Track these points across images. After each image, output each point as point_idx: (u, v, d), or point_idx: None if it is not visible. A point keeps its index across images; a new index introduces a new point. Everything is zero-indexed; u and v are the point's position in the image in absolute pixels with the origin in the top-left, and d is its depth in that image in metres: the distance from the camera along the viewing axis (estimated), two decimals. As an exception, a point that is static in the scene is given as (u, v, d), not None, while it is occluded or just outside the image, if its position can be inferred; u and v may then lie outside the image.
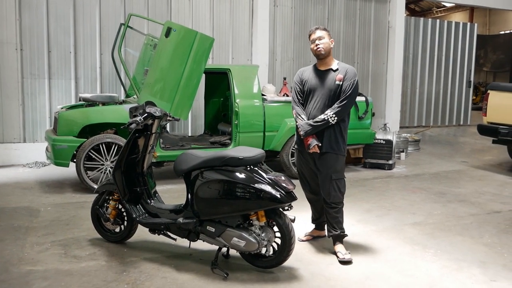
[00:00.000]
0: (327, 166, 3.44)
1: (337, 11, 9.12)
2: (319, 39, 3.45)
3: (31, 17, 6.79)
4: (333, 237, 3.56)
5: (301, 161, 3.65)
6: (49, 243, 3.69)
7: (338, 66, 3.49)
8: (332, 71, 3.47)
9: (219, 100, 7.14)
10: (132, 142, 3.44)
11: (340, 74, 3.43)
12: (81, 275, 3.11)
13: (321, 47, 3.44)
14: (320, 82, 3.47)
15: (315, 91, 3.48)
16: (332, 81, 3.43)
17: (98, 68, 7.21)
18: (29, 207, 4.68)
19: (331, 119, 3.36)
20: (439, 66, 11.20)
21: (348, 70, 3.46)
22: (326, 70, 3.49)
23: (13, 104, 6.76)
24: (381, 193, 5.53)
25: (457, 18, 20.22)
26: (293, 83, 3.66)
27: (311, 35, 3.51)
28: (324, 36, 3.46)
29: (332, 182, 3.44)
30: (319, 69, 3.52)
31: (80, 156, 5.10)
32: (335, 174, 3.45)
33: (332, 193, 3.45)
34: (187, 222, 3.20)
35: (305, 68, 3.66)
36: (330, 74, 3.46)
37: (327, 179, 3.45)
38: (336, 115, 3.36)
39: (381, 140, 6.85)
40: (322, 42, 3.44)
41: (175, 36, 5.17)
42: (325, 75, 3.47)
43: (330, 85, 3.43)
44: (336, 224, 3.52)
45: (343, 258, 3.39)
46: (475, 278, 3.18)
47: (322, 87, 3.45)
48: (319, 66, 3.54)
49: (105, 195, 3.66)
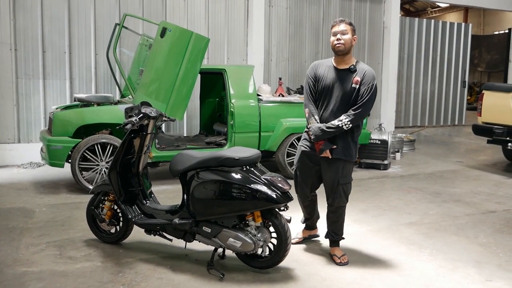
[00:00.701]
0: (336, 172, 3.29)
1: (332, 11, 9.14)
2: (342, 33, 3.18)
3: (25, 17, 6.75)
4: (330, 241, 3.53)
5: (304, 163, 3.46)
6: (44, 244, 3.67)
7: (357, 67, 3.23)
8: (350, 72, 3.21)
9: (214, 100, 7.13)
10: (127, 143, 3.43)
11: (357, 77, 3.18)
12: (76, 276, 3.10)
13: (341, 43, 3.17)
14: (335, 83, 3.22)
15: (329, 91, 3.24)
16: (348, 83, 3.19)
17: (93, 69, 7.18)
18: (24, 208, 4.65)
19: (345, 126, 3.15)
20: (434, 66, 11.25)
21: (367, 72, 3.20)
22: (343, 69, 3.24)
23: (7, 105, 6.72)
24: (376, 193, 5.54)
25: (452, 19, 20.32)
26: (306, 77, 3.39)
27: (334, 27, 3.23)
28: (348, 31, 3.19)
29: (339, 186, 3.31)
30: (336, 67, 3.26)
31: (75, 157, 5.08)
32: (343, 178, 3.31)
33: (337, 198, 3.34)
34: (183, 222, 3.19)
35: (320, 62, 3.39)
36: (347, 75, 3.21)
37: (334, 184, 3.31)
38: (351, 122, 3.16)
39: (376, 140, 6.87)
40: (344, 37, 3.17)
41: (170, 36, 5.16)
42: (342, 75, 3.22)
43: (345, 88, 3.19)
44: (337, 229, 3.47)
45: (340, 262, 3.38)
46: (471, 278, 3.20)
47: (337, 89, 3.22)
48: (337, 64, 3.28)
49: (101, 196, 3.64)
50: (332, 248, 3.51)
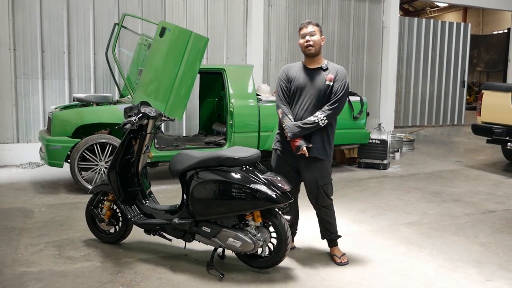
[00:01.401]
0: (314, 172, 3.29)
1: (331, 11, 9.14)
2: (311, 35, 3.25)
3: (24, 17, 6.73)
4: (328, 240, 3.52)
5: (280, 163, 3.41)
6: (43, 244, 3.66)
7: (328, 66, 3.31)
8: (322, 70, 3.28)
9: (213, 100, 7.12)
10: (127, 143, 3.43)
11: (330, 74, 3.25)
12: (75, 276, 3.09)
13: (311, 44, 3.25)
14: (309, 82, 3.27)
15: (303, 90, 3.29)
16: (322, 81, 3.25)
17: (92, 68, 7.17)
18: (23, 208, 4.64)
19: (321, 122, 3.18)
20: (433, 66, 11.25)
21: (339, 70, 3.28)
22: (315, 68, 3.30)
23: (6, 105, 6.71)
24: (376, 193, 5.54)
25: (451, 18, 20.33)
26: (278, 80, 3.43)
27: (302, 29, 3.30)
28: (316, 32, 3.26)
29: (319, 188, 3.30)
30: (308, 67, 3.33)
31: (74, 157, 5.07)
32: (321, 180, 3.30)
33: (320, 198, 3.34)
34: (182, 222, 3.19)
35: (291, 65, 3.44)
36: (320, 73, 3.28)
37: (314, 186, 3.30)
38: (327, 118, 3.19)
39: (375, 140, 6.87)
40: (313, 38, 3.25)
41: (169, 36, 5.15)
42: (315, 74, 3.28)
43: (319, 85, 3.25)
44: (331, 228, 3.45)
45: (340, 262, 3.38)
46: (471, 278, 3.20)
47: (311, 87, 3.26)
48: (308, 64, 3.34)
49: (100, 196, 3.64)
50: (332, 248, 3.50)
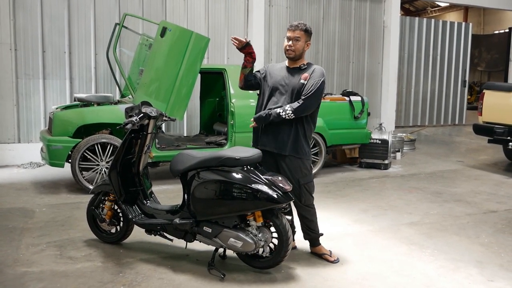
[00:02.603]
0: (293, 170, 3.29)
1: (332, 10, 9.13)
2: (295, 40, 3.26)
3: (25, 17, 6.74)
4: (311, 240, 3.52)
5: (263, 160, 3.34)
6: (45, 244, 3.66)
7: (307, 66, 3.33)
8: (299, 70, 3.32)
9: (214, 100, 7.12)
10: (128, 143, 3.42)
11: (306, 73, 3.27)
12: (76, 276, 3.09)
13: (292, 49, 3.28)
14: (284, 80, 3.32)
15: (278, 88, 3.33)
16: (297, 79, 3.28)
17: (93, 68, 7.17)
18: (24, 208, 4.64)
19: (286, 115, 3.18)
20: (434, 66, 11.25)
21: (316, 69, 3.29)
22: (293, 68, 3.35)
23: (7, 105, 6.71)
24: (377, 192, 5.53)
25: (452, 18, 20.32)
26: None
27: (289, 31, 3.30)
28: (301, 38, 3.26)
29: (301, 187, 3.31)
30: (288, 66, 3.38)
31: (75, 157, 5.07)
32: (302, 179, 3.31)
33: (303, 197, 3.35)
34: (183, 222, 3.18)
35: (276, 64, 3.52)
36: (296, 72, 3.32)
37: (296, 185, 3.29)
38: (294, 112, 3.17)
39: (376, 139, 6.86)
40: (296, 44, 3.27)
41: (170, 36, 5.15)
42: (292, 73, 3.33)
43: (294, 83, 3.27)
44: (313, 227, 3.47)
45: (334, 260, 3.40)
46: (472, 278, 3.19)
47: (286, 85, 3.30)
48: (289, 64, 3.39)
49: (101, 196, 3.64)
50: (317, 248, 3.51)
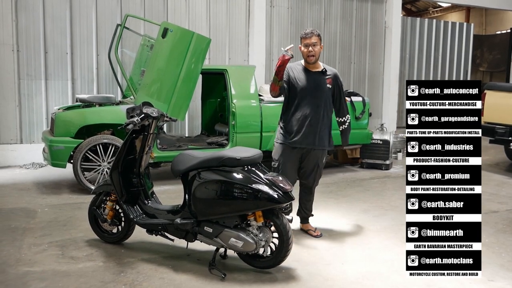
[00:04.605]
0: (320, 159, 3.85)
1: (333, 11, 9.14)
2: (313, 45, 3.66)
3: (27, 18, 6.77)
4: (303, 218, 4.02)
5: (287, 155, 3.78)
6: (46, 244, 3.68)
7: (326, 69, 3.80)
8: (322, 73, 3.77)
9: (216, 101, 7.13)
10: (129, 143, 3.44)
11: (329, 78, 3.77)
12: (78, 276, 3.11)
13: (313, 54, 3.67)
14: (313, 84, 3.72)
15: (310, 92, 3.71)
16: (324, 84, 3.74)
17: (95, 69, 7.20)
18: (26, 208, 4.66)
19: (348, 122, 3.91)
20: (435, 66, 11.23)
21: (335, 73, 3.83)
22: (316, 71, 3.76)
23: (9, 105, 6.74)
24: (378, 193, 5.54)
25: (454, 18, 20.28)
26: None
27: (305, 39, 3.66)
28: (317, 43, 3.67)
29: (318, 170, 3.88)
30: (310, 70, 3.77)
31: (77, 157, 5.09)
32: (321, 162, 3.89)
33: (317, 179, 3.93)
34: (184, 222, 3.20)
35: (292, 65, 3.78)
36: (321, 77, 3.76)
37: (314, 169, 3.85)
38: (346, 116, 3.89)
39: (378, 140, 6.86)
40: (315, 49, 3.67)
41: (171, 36, 5.16)
42: (317, 78, 3.75)
43: (323, 88, 3.74)
44: (309, 206, 4.01)
45: (317, 235, 3.90)
46: (473, 278, 3.18)
47: (316, 89, 3.72)
48: (310, 68, 3.77)
49: (102, 196, 3.65)
50: (305, 225, 4.02)
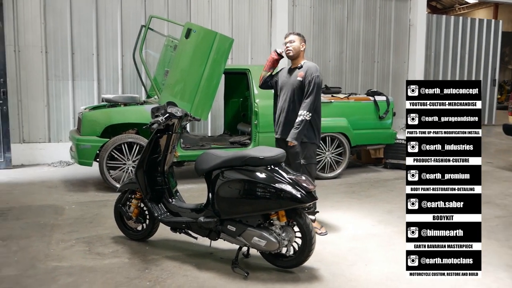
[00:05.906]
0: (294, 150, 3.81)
1: (356, 9, 9.04)
2: (290, 42, 3.90)
3: (55, 21, 6.94)
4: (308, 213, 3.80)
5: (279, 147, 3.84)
6: (74, 240, 3.77)
7: (304, 65, 3.90)
8: (297, 69, 3.92)
9: (238, 100, 7.16)
10: (154, 142, 3.49)
11: (302, 71, 3.87)
12: (104, 272, 3.17)
13: (290, 49, 3.90)
14: (287, 79, 3.95)
15: (283, 86, 3.97)
16: (295, 77, 3.89)
17: (120, 70, 7.33)
18: (54, 205, 4.79)
19: (307, 116, 3.76)
20: (462, 65, 10.97)
21: (310, 67, 3.88)
22: (293, 68, 3.96)
23: (38, 105, 6.93)
24: (402, 193, 5.40)
25: (481, 15, 19.77)
26: None
27: (285, 39, 3.95)
28: (295, 40, 3.90)
29: (302, 167, 3.84)
30: (290, 67, 4.01)
31: (103, 156, 5.19)
32: (307, 158, 3.88)
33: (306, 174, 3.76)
34: (208, 221, 3.22)
35: (285, 67, 4.10)
36: (295, 71, 3.93)
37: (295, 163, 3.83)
38: (309, 110, 3.77)
39: (402, 140, 6.76)
40: (292, 45, 3.89)
41: (195, 37, 5.21)
42: (292, 72, 3.95)
43: (293, 81, 3.90)
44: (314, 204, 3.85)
45: (322, 232, 3.91)
46: (501, 282, 3.11)
47: (288, 83, 3.93)
48: (292, 66, 4.00)
49: (128, 194, 3.72)
50: None
